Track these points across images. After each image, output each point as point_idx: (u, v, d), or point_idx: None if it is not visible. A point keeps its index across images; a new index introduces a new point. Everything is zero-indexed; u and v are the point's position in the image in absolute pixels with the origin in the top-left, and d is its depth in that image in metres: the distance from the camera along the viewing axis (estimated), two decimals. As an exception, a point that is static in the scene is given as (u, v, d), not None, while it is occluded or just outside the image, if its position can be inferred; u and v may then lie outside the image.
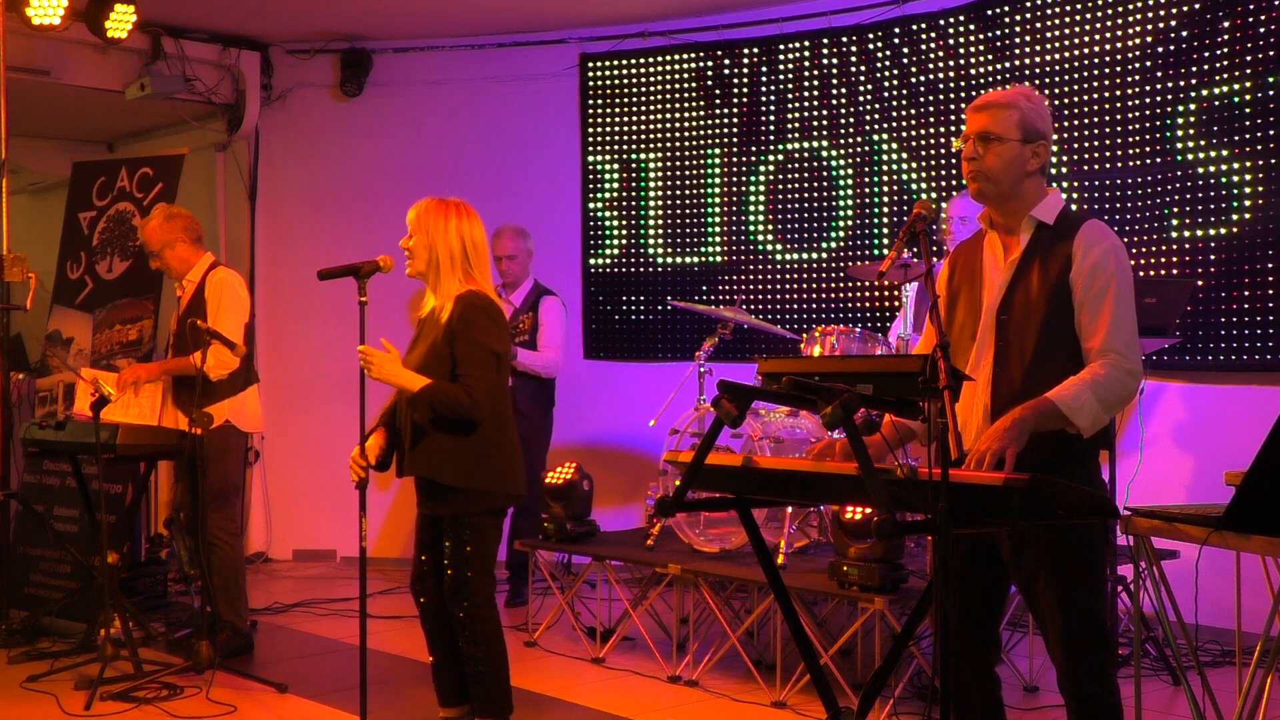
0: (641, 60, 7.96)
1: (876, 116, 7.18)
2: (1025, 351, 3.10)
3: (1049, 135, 3.20)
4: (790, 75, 7.50)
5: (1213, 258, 5.87)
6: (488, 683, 4.07)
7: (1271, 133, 5.68)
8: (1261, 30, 5.72)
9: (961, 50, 6.82)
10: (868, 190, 7.23)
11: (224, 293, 5.47)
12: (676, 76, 7.87)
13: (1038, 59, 6.51)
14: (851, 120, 7.29)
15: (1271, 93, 5.68)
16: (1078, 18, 6.35)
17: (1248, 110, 5.76)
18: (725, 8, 7.56)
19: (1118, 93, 6.21)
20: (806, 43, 7.43)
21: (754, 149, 7.64)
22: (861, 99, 7.24)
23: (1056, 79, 6.42)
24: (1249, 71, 5.75)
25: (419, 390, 3.94)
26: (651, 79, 7.95)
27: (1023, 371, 3.09)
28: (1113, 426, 3.20)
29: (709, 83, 7.77)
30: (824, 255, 7.40)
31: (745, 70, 7.66)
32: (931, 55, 6.94)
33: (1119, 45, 6.20)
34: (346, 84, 8.16)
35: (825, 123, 7.38)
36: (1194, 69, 5.94)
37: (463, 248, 4.10)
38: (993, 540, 3.15)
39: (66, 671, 5.15)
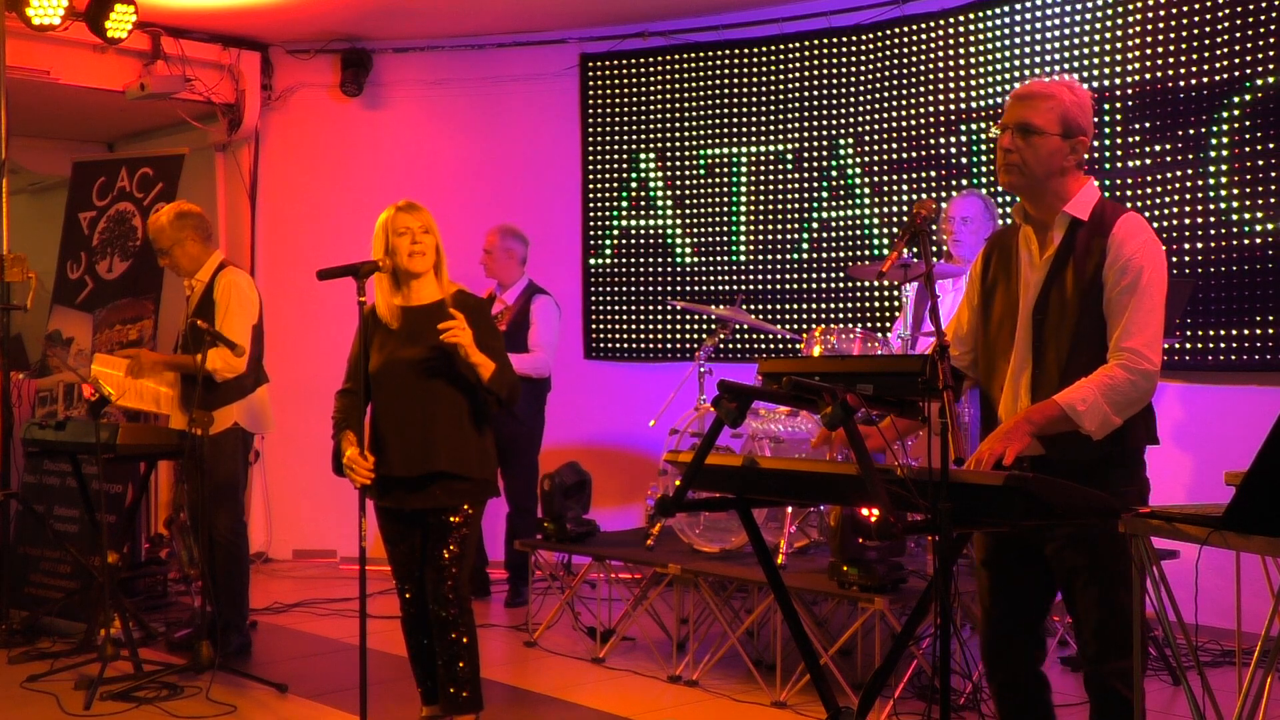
0: (641, 60, 7.96)
1: (877, 116, 7.18)
2: (1061, 352, 3.06)
3: (1089, 130, 3.13)
4: (791, 75, 7.50)
5: (1213, 258, 5.87)
6: (471, 679, 4.09)
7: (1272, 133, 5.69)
8: None
9: (962, 50, 6.82)
10: (869, 190, 7.23)
11: (232, 294, 5.45)
12: (676, 76, 7.87)
13: (1039, 57, 6.51)
14: (852, 120, 7.29)
15: None
16: (1078, 16, 6.35)
17: (1272, 105, 5.76)
18: (725, 8, 7.56)
19: (1118, 92, 6.20)
20: (807, 43, 7.43)
21: (754, 149, 7.64)
22: (862, 99, 7.24)
23: (1057, 77, 6.41)
24: None
25: (499, 369, 4.04)
26: (651, 79, 7.95)
27: (1059, 371, 3.05)
28: (1154, 420, 3.14)
29: (709, 83, 7.77)
30: (824, 255, 7.40)
31: (745, 70, 7.66)
32: (932, 55, 6.94)
33: (1118, 43, 6.20)
34: (346, 84, 8.15)
35: (826, 122, 7.38)
36: (1198, 66, 5.94)
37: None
38: (1036, 537, 3.13)
39: (66, 671, 5.14)
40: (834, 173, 7.36)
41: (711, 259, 7.80)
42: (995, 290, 3.25)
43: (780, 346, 7.35)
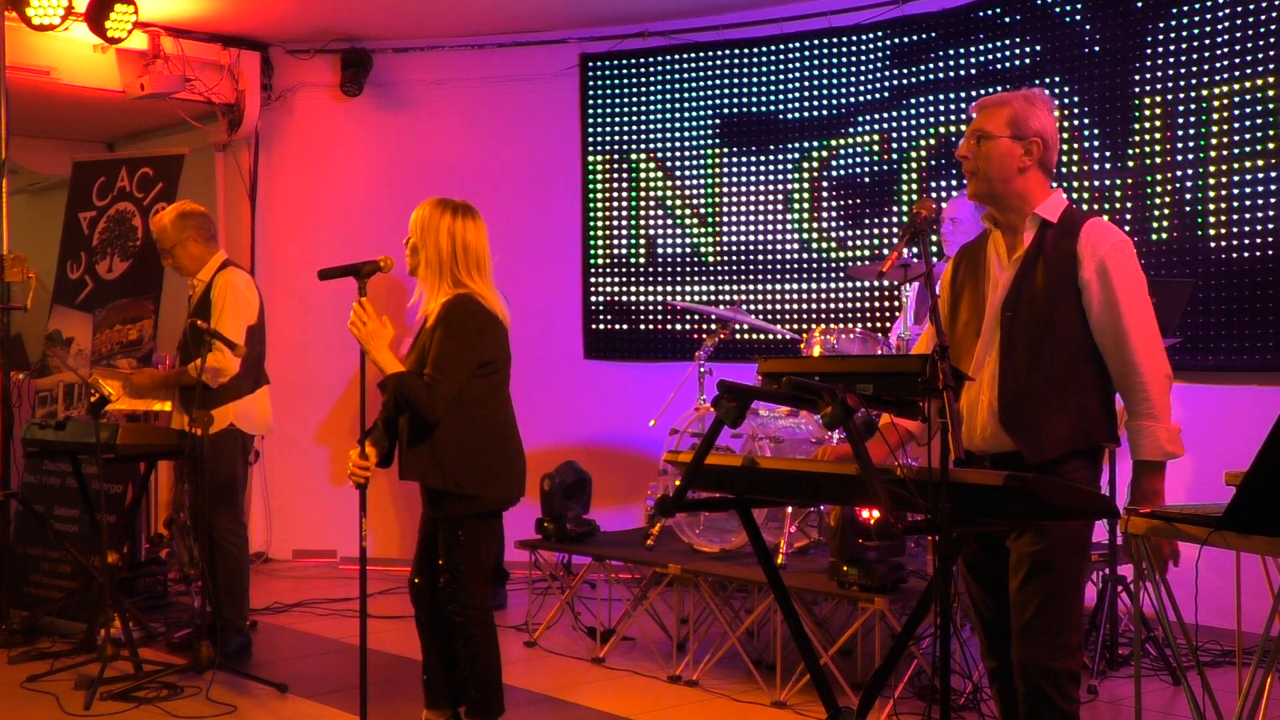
0: (641, 60, 7.96)
1: (876, 116, 7.18)
2: (1030, 348, 3.12)
3: (1046, 134, 3.21)
4: (790, 75, 7.51)
5: (1213, 258, 5.87)
6: (481, 685, 4.07)
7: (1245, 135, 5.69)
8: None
9: (961, 50, 6.82)
10: (868, 190, 7.23)
11: (228, 294, 5.45)
12: (676, 76, 7.87)
13: (1038, 58, 6.51)
14: (851, 120, 7.29)
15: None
16: (1078, 16, 6.36)
17: (1271, 106, 5.77)
18: (725, 8, 7.56)
19: (1118, 90, 6.21)
20: (806, 42, 7.43)
21: (754, 149, 7.64)
22: (861, 99, 7.25)
23: (1057, 77, 6.42)
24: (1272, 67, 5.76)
25: (389, 374, 3.94)
26: (651, 79, 7.95)
27: (1027, 368, 3.11)
28: (1116, 419, 3.23)
29: (709, 83, 7.78)
30: (824, 255, 7.40)
31: (745, 70, 7.66)
32: (932, 55, 6.94)
33: (1118, 42, 6.20)
34: (346, 84, 8.15)
35: (825, 122, 7.38)
36: (1198, 67, 5.94)
37: (452, 250, 4.03)
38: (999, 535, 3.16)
39: (66, 671, 5.14)
40: (832, 172, 7.36)
41: (712, 258, 7.80)
42: (963, 293, 3.33)
43: (780, 346, 7.35)
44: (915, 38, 7.00)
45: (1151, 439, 3.08)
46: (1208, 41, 5.89)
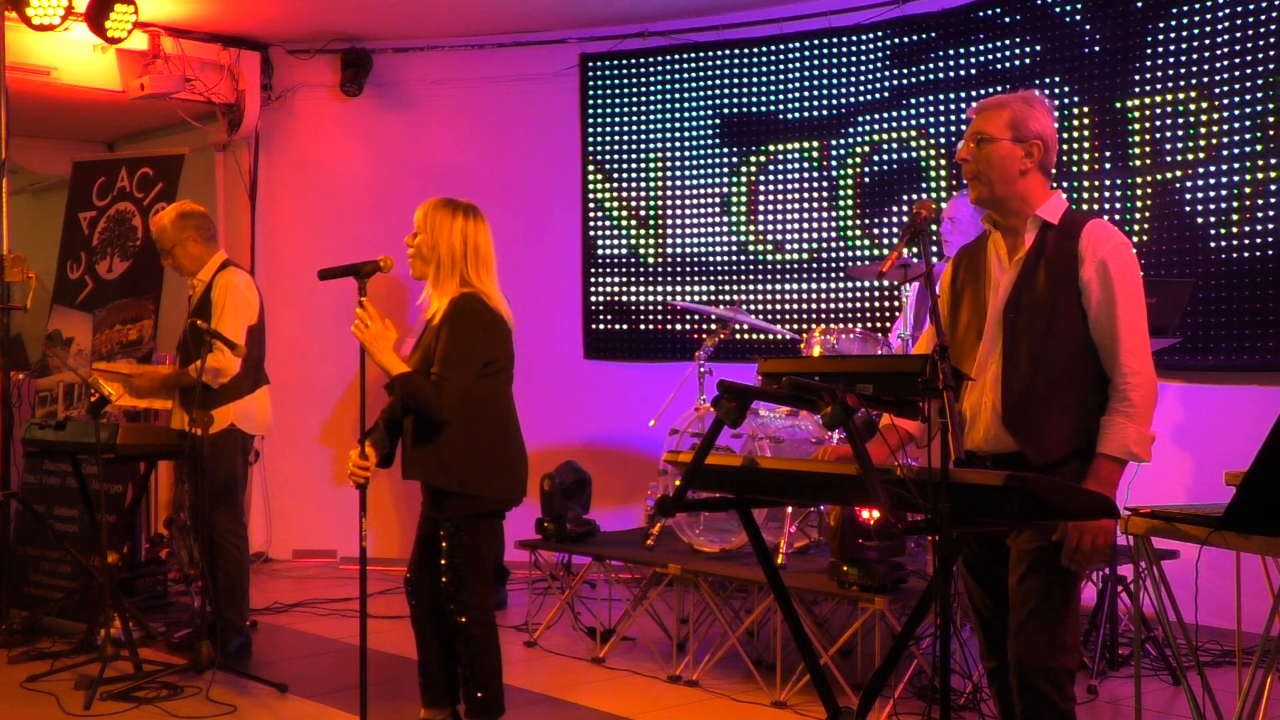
0: (641, 60, 7.96)
1: (876, 116, 7.19)
2: (1034, 349, 3.12)
3: (1046, 136, 3.21)
4: (790, 75, 7.51)
5: (1213, 258, 5.87)
6: (482, 684, 4.07)
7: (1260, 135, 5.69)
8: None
9: (961, 50, 6.82)
10: (868, 190, 7.23)
11: (229, 294, 5.45)
12: (676, 76, 7.87)
13: (1038, 59, 6.51)
14: (851, 120, 7.29)
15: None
16: (1078, 16, 6.36)
17: (1271, 105, 5.77)
18: (725, 8, 7.56)
19: (1118, 91, 6.21)
20: (806, 42, 7.43)
21: (754, 149, 7.64)
22: (861, 99, 7.25)
23: (1057, 77, 6.42)
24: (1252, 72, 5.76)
25: (395, 375, 3.94)
26: (651, 79, 7.95)
27: (1031, 369, 3.11)
28: None
29: (709, 83, 7.78)
30: (824, 255, 7.40)
31: (745, 70, 7.66)
32: (932, 55, 6.94)
33: (1119, 42, 6.20)
34: (346, 84, 8.15)
35: (825, 122, 7.39)
36: (1198, 67, 5.94)
37: (464, 249, 4.06)
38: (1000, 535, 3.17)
39: (66, 671, 5.14)
40: (832, 171, 7.36)
41: (712, 258, 7.80)
42: (964, 295, 3.33)
43: (780, 346, 7.36)
44: (915, 38, 7.01)
45: (1118, 434, 3.05)
46: (1208, 41, 5.89)
